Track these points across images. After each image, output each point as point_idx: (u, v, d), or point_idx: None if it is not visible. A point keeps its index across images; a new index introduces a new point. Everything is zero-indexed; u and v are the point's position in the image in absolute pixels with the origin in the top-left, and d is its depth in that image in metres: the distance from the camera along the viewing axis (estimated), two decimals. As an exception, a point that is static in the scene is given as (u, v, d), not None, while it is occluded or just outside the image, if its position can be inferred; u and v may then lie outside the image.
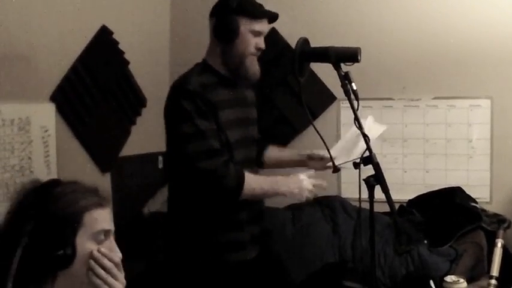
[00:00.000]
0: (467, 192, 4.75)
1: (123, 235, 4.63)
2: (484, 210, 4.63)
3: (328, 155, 3.12)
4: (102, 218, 1.98)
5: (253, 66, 3.24)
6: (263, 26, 3.23)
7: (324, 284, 4.32)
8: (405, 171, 5.08)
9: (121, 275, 1.97)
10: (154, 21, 5.42)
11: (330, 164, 3.19)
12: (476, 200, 4.72)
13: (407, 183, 5.04)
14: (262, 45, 3.24)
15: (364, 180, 2.71)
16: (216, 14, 3.21)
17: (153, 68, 5.32)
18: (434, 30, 4.82)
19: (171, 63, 5.57)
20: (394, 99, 5.01)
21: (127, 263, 2.02)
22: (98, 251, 1.92)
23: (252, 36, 3.18)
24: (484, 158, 4.87)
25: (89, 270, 1.91)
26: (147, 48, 5.24)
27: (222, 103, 3.16)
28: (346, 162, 3.16)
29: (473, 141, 4.90)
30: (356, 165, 2.74)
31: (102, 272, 1.91)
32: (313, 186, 3.18)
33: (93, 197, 1.99)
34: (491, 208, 4.74)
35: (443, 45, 4.83)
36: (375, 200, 2.71)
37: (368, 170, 2.71)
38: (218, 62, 3.23)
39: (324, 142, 3.09)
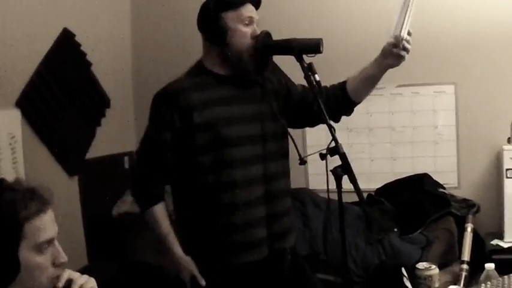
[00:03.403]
0: (435, 179, 4.79)
1: (93, 237, 4.66)
2: (452, 196, 4.67)
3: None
4: (44, 225, 1.90)
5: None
6: (249, 11, 3.05)
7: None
8: (372, 160, 5.10)
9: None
10: (115, 22, 5.39)
11: (401, 45, 3.20)
12: (445, 185, 4.77)
13: (375, 172, 5.06)
14: (258, 31, 3.06)
15: (331, 171, 2.69)
16: (202, 24, 3.08)
17: (115, 68, 5.29)
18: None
19: (133, 63, 5.52)
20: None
21: (99, 266, 2.00)
22: None
23: (243, 27, 3.02)
24: (451, 144, 4.91)
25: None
26: (109, 49, 5.22)
27: (215, 101, 3.03)
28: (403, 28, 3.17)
29: (439, 127, 4.93)
30: (322, 156, 2.72)
31: None
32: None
33: (33, 202, 1.90)
34: (460, 193, 4.78)
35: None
36: (343, 190, 2.69)
37: (335, 161, 2.71)
38: (217, 64, 3.08)
39: (291, 137, 3.10)
